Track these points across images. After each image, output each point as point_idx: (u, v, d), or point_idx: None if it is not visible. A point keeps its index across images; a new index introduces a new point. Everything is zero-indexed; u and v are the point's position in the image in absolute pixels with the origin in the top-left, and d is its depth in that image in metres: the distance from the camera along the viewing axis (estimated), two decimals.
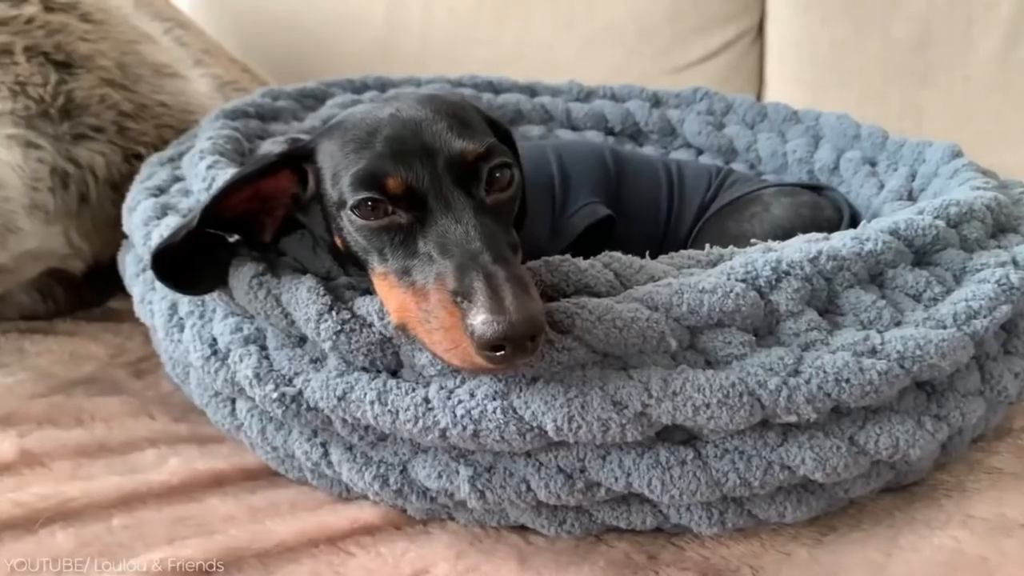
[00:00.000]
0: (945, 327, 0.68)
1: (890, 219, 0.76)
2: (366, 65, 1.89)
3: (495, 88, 1.45)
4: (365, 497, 0.75)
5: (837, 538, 0.76)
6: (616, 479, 0.65)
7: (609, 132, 1.42)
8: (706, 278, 0.66)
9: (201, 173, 0.89)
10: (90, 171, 1.12)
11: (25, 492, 0.75)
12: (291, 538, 0.71)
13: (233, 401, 0.78)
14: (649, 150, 1.41)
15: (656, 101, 1.43)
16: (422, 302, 0.61)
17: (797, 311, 0.67)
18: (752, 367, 0.64)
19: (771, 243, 0.76)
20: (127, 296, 0.98)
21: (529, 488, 0.67)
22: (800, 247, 0.71)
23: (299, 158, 0.72)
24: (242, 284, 0.72)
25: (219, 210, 0.71)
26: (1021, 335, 0.79)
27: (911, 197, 1.08)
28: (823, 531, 0.76)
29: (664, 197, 1.11)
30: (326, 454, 0.73)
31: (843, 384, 0.64)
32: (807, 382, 0.63)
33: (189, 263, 0.72)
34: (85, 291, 1.23)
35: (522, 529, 0.73)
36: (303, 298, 0.68)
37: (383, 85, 1.37)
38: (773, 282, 0.67)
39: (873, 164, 1.20)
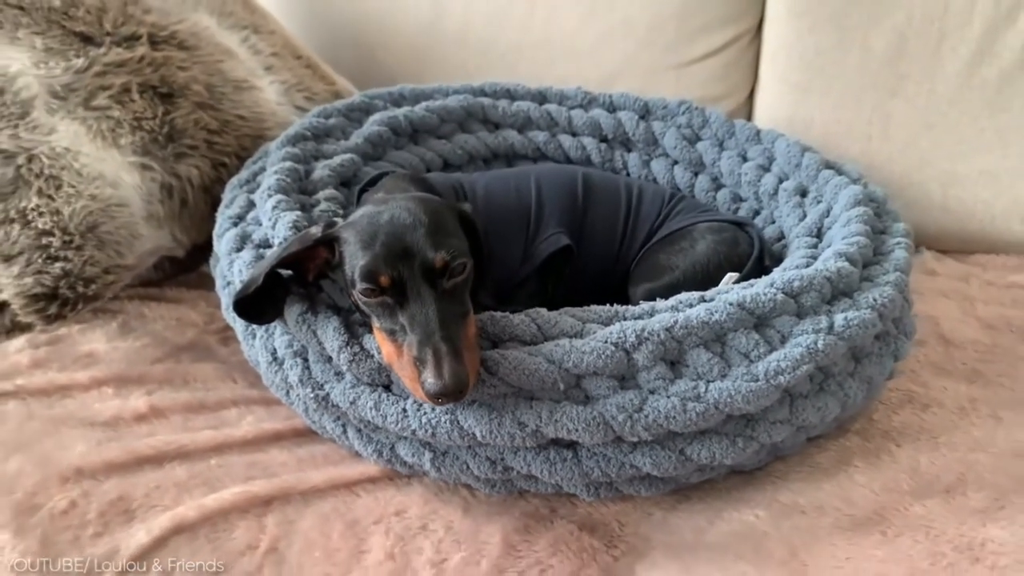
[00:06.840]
0: (757, 380, 1.00)
1: (741, 292, 1.06)
2: (414, 42, 2.18)
3: (511, 95, 1.73)
4: None
5: (687, 506, 1.10)
6: (522, 467, 1.01)
7: (603, 139, 1.69)
8: (589, 341, 0.99)
9: (268, 212, 1.24)
10: (188, 182, 1.48)
11: (155, 438, 1.14)
12: (321, 483, 1.09)
13: (288, 390, 1.16)
14: (635, 157, 1.68)
15: (645, 111, 1.68)
16: (399, 357, 0.96)
17: (651, 365, 0.99)
18: (610, 405, 0.97)
19: (656, 303, 1.08)
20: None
21: (468, 467, 1.04)
22: (664, 316, 1.02)
23: (331, 239, 1.05)
24: (292, 318, 1.08)
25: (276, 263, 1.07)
26: (835, 376, 1.09)
27: (819, 234, 1.35)
28: (679, 500, 1.11)
29: (622, 221, 1.40)
30: (344, 431, 1.11)
31: (672, 419, 0.97)
32: (646, 417, 0.96)
33: (256, 301, 1.08)
34: (185, 261, 1.61)
35: (469, 487, 1.11)
36: (330, 334, 1.04)
37: (416, 97, 1.66)
38: (636, 345, 0.99)
39: (804, 194, 1.46)
